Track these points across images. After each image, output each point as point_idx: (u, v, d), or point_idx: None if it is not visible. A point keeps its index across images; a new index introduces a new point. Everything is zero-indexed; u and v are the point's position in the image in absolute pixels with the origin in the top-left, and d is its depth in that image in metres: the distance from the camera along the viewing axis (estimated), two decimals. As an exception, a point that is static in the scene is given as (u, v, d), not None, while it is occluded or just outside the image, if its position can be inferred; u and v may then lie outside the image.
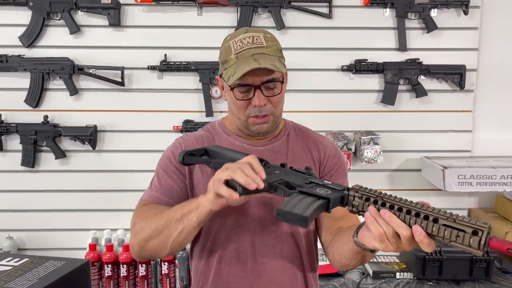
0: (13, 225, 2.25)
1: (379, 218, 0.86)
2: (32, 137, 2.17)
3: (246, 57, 1.11)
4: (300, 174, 1.03)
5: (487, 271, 1.99)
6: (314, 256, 1.29)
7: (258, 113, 1.15)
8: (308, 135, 1.31)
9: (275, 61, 1.12)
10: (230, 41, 1.15)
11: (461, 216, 0.82)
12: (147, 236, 1.12)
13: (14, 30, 2.15)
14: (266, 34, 1.16)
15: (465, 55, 2.23)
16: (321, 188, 0.96)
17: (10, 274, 0.95)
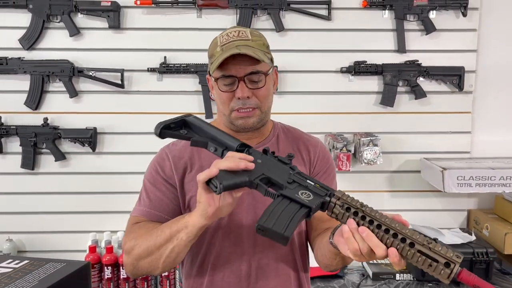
0: (13, 227, 2.25)
1: (357, 234, 0.85)
2: (32, 139, 2.17)
3: (230, 48, 1.11)
4: (282, 166, 0.99)
5: (487, 272, 1.99)
6: (306, 256, 1.28)
7: (241, 105, 1.14)
8: (297, 136, 1.31)
9: (259, 52, 1.12)
10: (218, 36, 1.18)
11: (436, 244, 0.82)
12: (138, 256, 1.09)
13: (14, 33, 2.16)
14: (253, 31, 1.18)
15: (464, 57, 2.24)
16: (303, 190, 0.94)
17: (11, 276, 0.95)
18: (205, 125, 1.08)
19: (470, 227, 2.31)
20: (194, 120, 1.09)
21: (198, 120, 1.10)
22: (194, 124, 1.08)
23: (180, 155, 1.22)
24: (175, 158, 1.22)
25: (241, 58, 1.10)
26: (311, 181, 0.96)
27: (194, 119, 1.09)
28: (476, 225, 2.27)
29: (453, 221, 2.32)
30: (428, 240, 0.82)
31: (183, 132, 1.08)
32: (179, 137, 1.09)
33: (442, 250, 0.80)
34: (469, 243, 2.05)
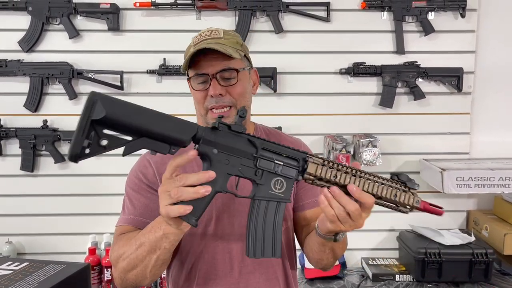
0: (12, 229, 2.25)
1: (332, 201, 0.92)
2: (32, 142, 2.17)
3: (201, 46, 1.10)
4: (240, 141, 0.91)
5: (486, 273, 2.00)
6: (293, 254, 1.27)
7: (215, 103, 1.12)
8: (280, 138, 1.28)
9: (229, 48, 1.10)
10: (192, 37, 1.18)
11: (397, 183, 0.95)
12: (123, 269, 1.05)
13: (14, 35, 2.16)
14: (227, 31, 1.17)
15: (462, 58, 2.24)
16: (274, 179, 0.92)
17: (11, 278, 0.96)
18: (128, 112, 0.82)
19: (469, 228, 2.31)
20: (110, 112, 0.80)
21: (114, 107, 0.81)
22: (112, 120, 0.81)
23: (162, 160, 1.18)
24: (157, 164, 1.19)
25: (212, 55, 1.09)
26: (276, 153, 0.93)
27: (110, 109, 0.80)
28: (475, 226, 2.27)
29: (452, 221, 2.33)
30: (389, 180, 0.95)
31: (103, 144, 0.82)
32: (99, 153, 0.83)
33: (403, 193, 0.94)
34: (469, 243, 2.05)
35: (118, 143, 0.81)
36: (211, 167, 0.88)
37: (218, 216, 1.15)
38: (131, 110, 0.82)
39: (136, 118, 0.81)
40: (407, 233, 2.21)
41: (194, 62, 1.12)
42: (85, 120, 0.77)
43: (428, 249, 2.01)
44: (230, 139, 0.89)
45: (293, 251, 1.28)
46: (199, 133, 0.86)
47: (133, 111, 0.82)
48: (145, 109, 0.84)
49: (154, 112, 0.85)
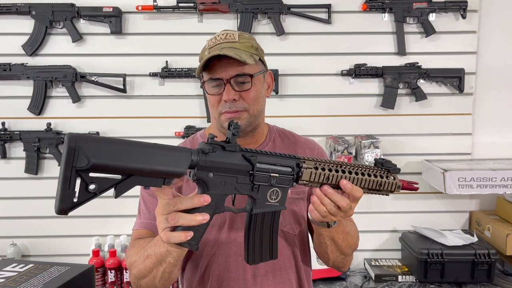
0: (17, 231, 2.26)
1: (324, 198, 0.97)
2: (36, 144, 2.18)
3: (215, 51, 1.10)
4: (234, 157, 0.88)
5: (489, 274, 2.00)
6: (307, 256, 1.28)
7: (228, 108, 1.13)
8: (294, 140, 1.30)
9: (243, 53, 1.10)
10: (207, 40, 1.17)
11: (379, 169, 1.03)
12: (135, 277, 1.07)
13: (17, 39, 2.18)
14: (242, 33, 1.16)
15: (463, 59, 2.25)
16: (270, 190, 0.93)
17: (16, 279, 0.97)
18: (112, 155, 0.74)
19: (472, 229, 2.31)
20: (94, 156, 0.73)
21: (96, 153, 0.73)
22: (98, 165, 0.73)
23: None
24: None
25: (227, 61, 1.10)
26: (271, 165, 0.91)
27: (92, 155, 0.72)
28: (477, 227, 2.27)
29: (454, 222, 2.33)
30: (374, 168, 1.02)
31: (93, 189, 0.75)
32: (91, 199, 0.77)
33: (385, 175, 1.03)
34: (471, 244, 2.05)
35: (108, 185, 0.74)
36: (207, 191, 0.86)
37: (232, 220, 1.16)
38: (117, 150, 0.73)
39: (124, 159, 0.74)
40: (410, 234, 2.22)
41: (209, 66, 1.13)
42: (69, 172, 0.70)
43: (431, 249, 2.01)
44: (225, 160, 0.86)
45: (308, 253, 1.29)
46: (193, 160, 0.82)
47: (120, 151, 0.73)
48: (132, 145, 0.76)
49: (143, 146, 0.77)
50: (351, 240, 1.17)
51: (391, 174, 1.04)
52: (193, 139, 1.29)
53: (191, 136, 1.32)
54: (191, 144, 1.27)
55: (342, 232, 1.11)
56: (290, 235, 1.21)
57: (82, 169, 0.70)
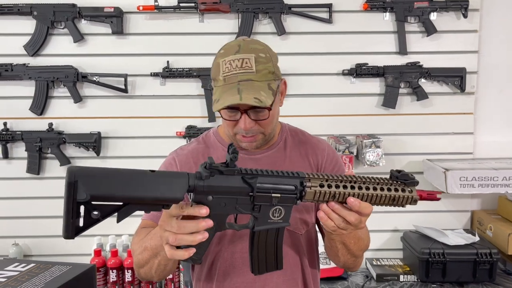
0: (19, 231, 2.27)
1: (331, 213, 0.95)
2: (37, 145, 2.19)
3: (231, 83, 1.07)
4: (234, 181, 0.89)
5: (490, 273, 1.99)
6: (314, 255, 1.28)
7: (244, 134, 1.13)
8: (305, 140, 1.30)
9: (262, 90, 1.07)
10: (220, 60, 1.10)
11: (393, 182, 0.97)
12: (136, 265, 1.12)
13: (19, 39, 2.18)
14: (259, 54, 1.10)
15: (465, 58, 2.24)
16: (273, 208, 0.92)
17: (17, 279, 0.97)
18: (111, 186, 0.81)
19: (473, 228, 2.31)
20: (94, 190, 0.79)
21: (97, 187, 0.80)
22: (98, 196, 0.80)
23: (187, 160, 1.22)
24: (181, 163, 1.23)
25: (245, 90, 1.06)
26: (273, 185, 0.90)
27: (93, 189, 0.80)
28: (479, 226, 2.26)
29: (456, 222, 2.32)
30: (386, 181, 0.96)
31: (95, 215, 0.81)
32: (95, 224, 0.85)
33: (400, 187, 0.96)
34: (473, 244, 2.05)
35: (110, 211, 0.79)
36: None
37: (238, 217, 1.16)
38: (114, 181, 0.78)
39: (121, 189, 0.78)
40: (411, 233, 2.21)
41: None
42: (71, 203, 0.76)
43: (432, 249, 2.01)
44: (223, 183, 0.87)
45: (314, 252, 1.28)
46: (190, 185, 0.84)
47: (116, 182, 0.79)
48: (129, 175, 0.80)
49: (139, 175, 0.80)
50: (362, 243, 1.17)
51: (408, 186, 0.97)
52: (206, 136, 1.29)
53: (204, 133, 1.31)
54: (204, 143, 1.27)
55: (353, 237, 1.11)
56: (296, 235, 1.21)
57: (82, 201, 0.76)
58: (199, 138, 1.30)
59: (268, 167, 1.16)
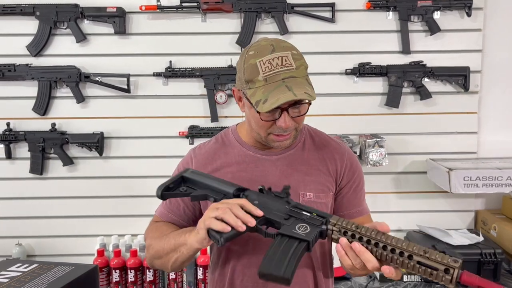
0: (22, 231, 2.27)
1: (349, 251, 0.92)
2: (40, 145, 2.19)
3: (276, 82, 1.06)
4: (278, 201, 1.03)
5: (495, 273, 1.98)
6: (327, 263, 1.28)
7: (282, 132, 1.13)
8: (324, 142, 1.27)
9: (306, 85, 1.09)
10: (257, 60, 1.08)
11: (433, 252, 0.85)
12: (152, 256, 1.20)
13: (22, 40, 2.19)
14: (293, 52, 1.11)
15: (469, 57, 2.23)
16: (300, 224, 0.97)
17: (20, 279, 0.97)
18: (201, 177, 1.13)
19: (477, 228, 2.29)
20: (191, 174, 1.13)
21: (195, 173, 1.14)
22: (191, 179, 1.12)
23: (203, 161, 1.24)
24: (198, 164, 1.24)
25: None
26: (308, 211, 0.99)
27: (191, 174, 1.14)
28: (483, 226, 2.25)
29: (460, 221, 2.32)
30: (424, 250, 0.85)
31: (182, 189, 1.12)
32: (179, 195, 1.15)
33: (439, 258, 0.84)
34: (477, 243, 2.04)
35: (190, 191, 1.11)
36: None
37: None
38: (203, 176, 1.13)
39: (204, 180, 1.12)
40: (415, 233, 2.21)
41: None
42: (179, 176, 1.13)
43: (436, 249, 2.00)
44: (268, 200, 1.03)
45: (328, 260, 1.28)
46: (235, 192, 1.07)
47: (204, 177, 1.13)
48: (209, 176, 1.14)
49: (214, 178, 1.13)
50: None
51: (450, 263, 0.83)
52: (224, 134, 1.30)
53: (224, 131, 1.31)
54: (222, 141, 1.28)
55: None
56: None
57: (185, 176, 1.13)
58: (218, 136, 1.30)
59: (285, 168, 1.17)
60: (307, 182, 1.21)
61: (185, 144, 2.22)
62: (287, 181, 1.20)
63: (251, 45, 1.14)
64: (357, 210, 1.27)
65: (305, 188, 1.20)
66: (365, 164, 2.18)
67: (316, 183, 1.22)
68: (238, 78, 1.15)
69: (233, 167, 1.22)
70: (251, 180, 1.20)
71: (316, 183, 1.22)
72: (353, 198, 1.27)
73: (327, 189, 1.23)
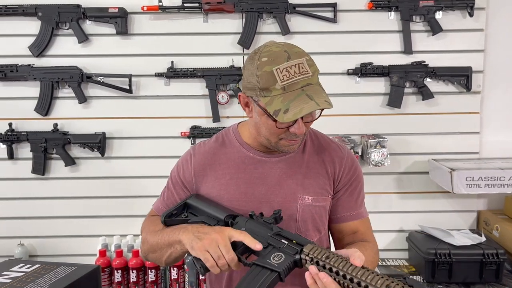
0: (24, 232, 2.27)
1: (318, 280, 0.92)
2: (42, 145, 2.20)
3: (295, 90, 1.05)
4: (264, 228, 1.06)
5: (497, 274, 1.98)
6: None
7: (294, 138, 1.13)
8: (326, 145, 1.27)
9: (323, 92, 1.08)
10: (273, 68, 1.05)
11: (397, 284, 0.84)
12: (146, 250, 1.22)
13: (24, 40, 2.19)
14: (306, 57, 1.09)
15: (471, 57, 2.22)
16: (276, 253, 1.00)
17: (22, 280, 0.97)
18: (202, 203, 1.20)
19: (480, 228, 2.29)
20: (193, 201, 1.21)
21: (197, 200, 1.21)
22: (193, 205, 1.21)
23: (202, 161, 1.24)
24: (197, 164, 1.24)
25: None
26: (289, 238, 1.02)
27: (193, 200, 1.21)
28: (486, 226, 2.25)
29: (462, 222, 2.31)
30: (388, 285, 0.84)
31: (184, 215, 1.20)
32: (180, 222, 1.18)
33: None
34: (479, 244, 2.03)
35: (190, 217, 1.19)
36: None
37: None
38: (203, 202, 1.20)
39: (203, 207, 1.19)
40: (417, 233, 2.20)
41: None
42: (182, 203, 1.22)
43: (438, 249, 2.00)
44: (255, 228, 1.07)
45: None
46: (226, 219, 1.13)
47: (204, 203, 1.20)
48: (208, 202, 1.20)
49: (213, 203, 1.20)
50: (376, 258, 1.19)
51: None
52: (225, 133, 1.29)
53: (225, 129, 1.31)
54: (222, 140, 1.28)
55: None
56: None
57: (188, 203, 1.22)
58: (218, 135, 1.30)
59: (285, 171, 1.17)
60: (306, 185, 1.21)
61: (187, 145, 2.22)
62: (285, 184, 1.20)
63: (261, 51, 1.10)
64: (352, 214, 1.26)
65: (303, 192, 1.20)
66: (367, 164, 2.18)
67: (315, 187, 1.22)
68: (248, 84, 1.11)
69: (232, 168, 1.22)
70: (249, 182, 1.20)
71: (315, 187, 1.22)
72: (348, 201, 1.26)
73: (326, 192, 1.23)
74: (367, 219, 1.31)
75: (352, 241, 1.24)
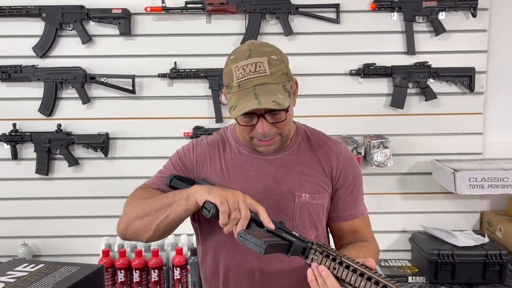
0: (28, 232, 2.28)
1: (319, 278, 0.94)
2: (46, 146, 2.20)
3: (246, 89, 1.06)
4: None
5: (500, 274, 1.97)
6: None
7: (262, 138, 1.13)
8: (321, 143, 1.27)
9: (278, 92, 1.06)
10: (232, 66, 1.08)
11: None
12: (135, 215, 1.16)
13: (28, 41, 2.20)
14: (271, 57, 1.08)
15: (474, 58, 2.22)
16: (288, 234, 1.01)
17: (27, 279, 0.97)
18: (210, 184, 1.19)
19: (483, 229, 2.28)
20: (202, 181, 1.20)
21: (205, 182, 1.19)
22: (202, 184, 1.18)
23: (202, 157, 1.25)
24: (198, 154, 1.25)
25: (261, 94, 1.06)
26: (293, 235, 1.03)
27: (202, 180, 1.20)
28: (489, 227, 2.24)
29: (465, 223, 2.31)
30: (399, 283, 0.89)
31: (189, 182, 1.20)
32: (186, 184, 1.18)
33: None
34: (482, 245, 2.03)
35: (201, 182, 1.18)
36: None
37: None
38: None
39: None
40: (420, 234, 2.20)
41: None
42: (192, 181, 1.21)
43: (441, 250, 1.99)
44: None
45: None
46: None
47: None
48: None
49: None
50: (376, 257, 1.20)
51: None
52: (225, 131, 1.31)
53: (224, 127, 1.33)
54: (222, 137, 1.29)
55: None
56: None
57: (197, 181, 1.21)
58: (220, 130, 1.32)
59: (280, 169, 1.17)
60: (303, 182, 1.21)
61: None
62: (282, 181, 1.20)
63: (234, 49, 1.14)
64: (352, 213, 1.27)
65: (300, 189, 1.20)
66: (369, 165, 2.18)
67: (312, 184, 1.22)
68: None
69: (229, 165, 1.22)
70: (245, 180, 1.20)
71: (312, 184, 1.22)
72: (348, 201, 1.27)
73: (323, 189, 1.23)
74: (366, 216, 1.31)
75: (353, 240, 1.24)
